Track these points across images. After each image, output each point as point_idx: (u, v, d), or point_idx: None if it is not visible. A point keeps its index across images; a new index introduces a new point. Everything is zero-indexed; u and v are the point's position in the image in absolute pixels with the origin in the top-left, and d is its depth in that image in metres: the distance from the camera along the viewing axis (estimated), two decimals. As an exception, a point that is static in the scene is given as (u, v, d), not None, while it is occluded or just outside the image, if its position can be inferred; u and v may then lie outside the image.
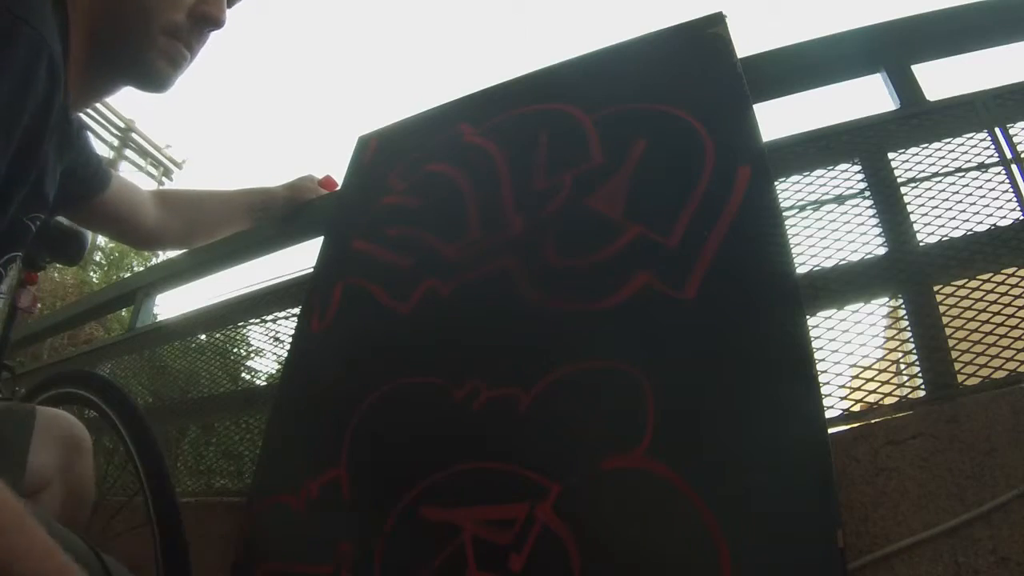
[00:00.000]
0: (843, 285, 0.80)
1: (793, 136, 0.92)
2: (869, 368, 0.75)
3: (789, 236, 0.73)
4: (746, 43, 0.90)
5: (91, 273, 9.51)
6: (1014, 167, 0.80)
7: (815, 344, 0.73)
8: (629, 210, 0.81)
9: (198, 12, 0.72)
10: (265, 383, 1.43)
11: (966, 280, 0.76)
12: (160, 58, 0.72)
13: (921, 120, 0.87)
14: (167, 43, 0.71)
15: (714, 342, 0.69)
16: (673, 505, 0.62)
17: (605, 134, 0.90)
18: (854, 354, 0.76)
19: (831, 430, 0.65)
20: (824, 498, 0.58)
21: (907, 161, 0.86)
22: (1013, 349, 0.70)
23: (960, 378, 0.71)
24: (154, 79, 0.73)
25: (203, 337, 1.52)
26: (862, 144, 0.88)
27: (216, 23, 0.74)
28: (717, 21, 0.93)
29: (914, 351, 0.75)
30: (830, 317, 0.79)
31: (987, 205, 0.79)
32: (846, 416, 0.73)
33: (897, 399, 0.73)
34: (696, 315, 0.71)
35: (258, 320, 1.36)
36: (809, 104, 1.00)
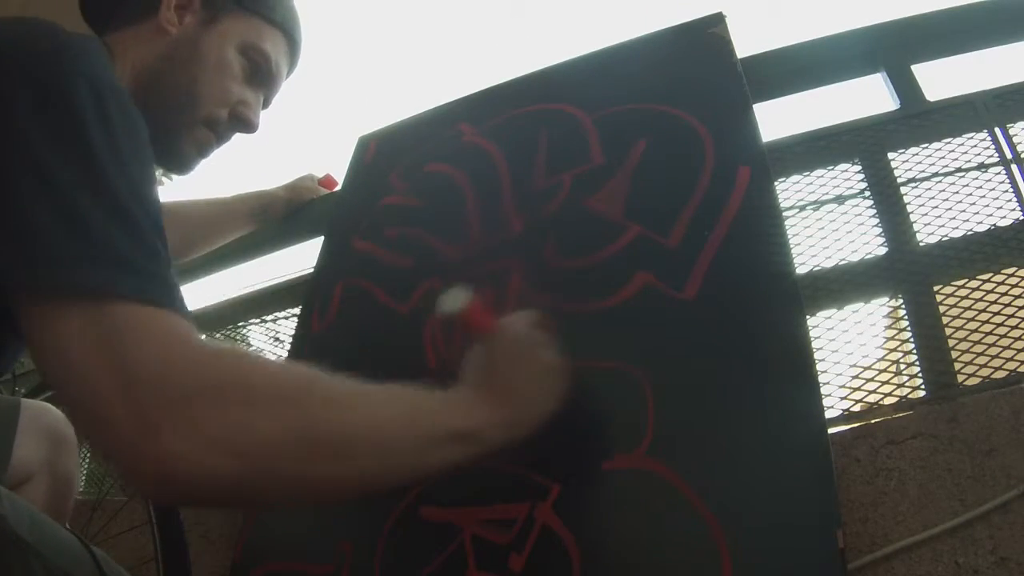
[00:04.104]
0: (843, 285, 0.80)
1: (793, 136, 0.92)
2: (869, 368, 0.75)
3: (789, 236, 0.73)
4: (746, 43, 0.90)
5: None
6: (1014, 167, 0.80)
7: (815, 344, 0.72)
8: (629, 210, 0.81)
9: (236, 113, 0.77)
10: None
11: (966, 280, 0.76)
12: (192, 145, 0.76)
13: (921, 120, 0.87)
14: (202, 132, 0.75)
15: (714, 342, 0.69)
16: (673, 505, 0.62)
17: (605, 134, 0.90)
18: (854, 354, 0.76)
19: (831, 430, 0.65)
20: (824, 498, 0.58)
21: (907, 161, 0.86)
22: (1013, 349, 0.70)
23: (960, 378, 0.71)
24: (179, 162, 0.76)
25: (203, 337, 1.51)
26: (862, 144, 0.89)
27: (250, 128, 0.79)
28: (717, 21, 0.93)
29: (914, 351, 0.75)
30: (830, 317, 0.79)
31: (987, 205, 0.79)
32: (846, 416, 0.73)
33: (897, 399, 0.73)
34: (696, 315, 0.71)
35: (258, 320, 1.36)
36: (809, 104, 1.00)
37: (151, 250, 0.49)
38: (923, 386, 0.73)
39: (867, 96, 0.95)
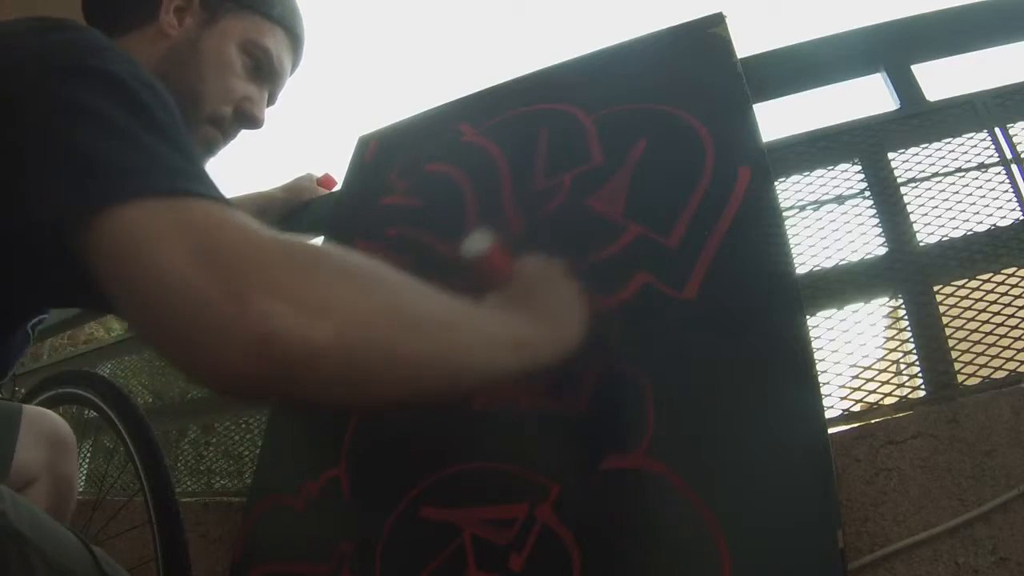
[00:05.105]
0: (843, 285, 0.80)
1: (793, 136, 0.92)
2: (869, 368, 0.75)
3: (789, 236, 0.73)
4: (746, 43, 0.90)
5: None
6: (1014, 167, 0.80)
7: (815, 344, 0.73)
8: (629, 210, 0.81)
9: (242, 109, 0.77)
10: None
11: (966, 280, 0.76)
12: (199, 144, 0.75)
13: (921, 120, 0.87)
14: (208, 131, 0.76)
15: (714, 342, 0.69)
16: (673, 505, 0.62)
17: (605, 134, 0.90)
18: (854, 354, 0.76)
19: (831, 430, 0.65)
20: (824, 498, 0.58)
21: (907, 161, 0.86)
22: (1013, 349, 0.70)
23: (960, 378, 0.71)
24: None
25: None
26: (862, 144, 0.88)
27: (256, 123, 0.79)
28: (717, 21, 0.93)
29: (914, 351, 0.75)
30: (830, 317, 0.79)
31: (987, 205, 0.79)
32: (846, 416, 0.73)
33: (897, 399, 0.73)
34: (696, 315, 0.71)
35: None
36: (809, 104, 1.00)
37: (199, 162, 0.50)
38: (923, 386, 0.73)
39: (867, 96, 0.95)
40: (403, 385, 0.50)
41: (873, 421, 0.69)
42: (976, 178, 0.81)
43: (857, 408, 0.73)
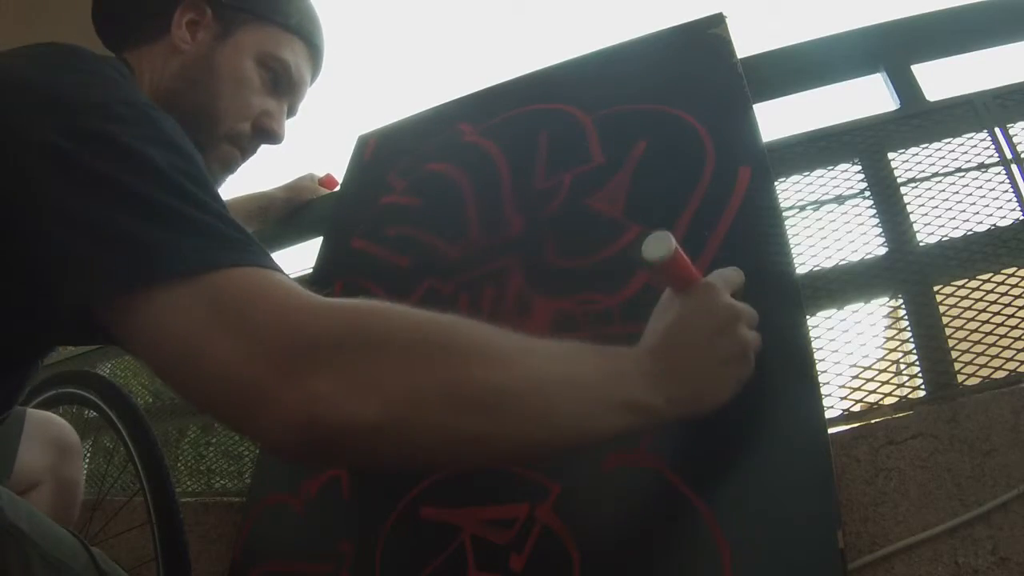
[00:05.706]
0: (843, 285, 0.80)
1: (793, 136, 0.92)
2: (869, 368, 0.75)
3: (789, 236, 0.73)
4: (746, 43, 0.90)
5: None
6: (1014, 167, 0.80)
7: (815, 344, 0.72)
8: (629, 210, 0.81)
9: (260, 125, 0.75)
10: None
11: (966, 280, 0.76)
12: (216, 163, 0.74)
13: (921, 120, 0.87)
14: (226, 149, 0.74)
15: (714, 342, 0.69)
16: (673, 505, 0.62)
17: (605, 134, 0.90)
18: (854, 354, 0.76)
19: (831, 430, 0.65)
20: (824, 498, 0.58)
21: (907, 161, 0.86)
22: (1013, 349, 0.70)
23: (960, 378, 0.71)
24: None
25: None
26: (862, 144, 0.88)
27: (275, 139, 0.77)
28: (717, 22, 0.93)
29: (914, 351, 0.75)
30: (830, 317, 0.79)
31: (987, 205, 0.79)
32: (846, 416, 0.73)
33: (897, 399, 0.73)
34: (696, 315, 0.71)
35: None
36: (809, 104, 1.00)
37: (232, 222, 0.49)
38: (923, 386, 0.73)
39: (867, 96, 0.95)
40: (466, 458, 0.48)
41: (873, 421, 0.69)
42: (976, 178, 0.81)
43: (857, 408, 0.73)
